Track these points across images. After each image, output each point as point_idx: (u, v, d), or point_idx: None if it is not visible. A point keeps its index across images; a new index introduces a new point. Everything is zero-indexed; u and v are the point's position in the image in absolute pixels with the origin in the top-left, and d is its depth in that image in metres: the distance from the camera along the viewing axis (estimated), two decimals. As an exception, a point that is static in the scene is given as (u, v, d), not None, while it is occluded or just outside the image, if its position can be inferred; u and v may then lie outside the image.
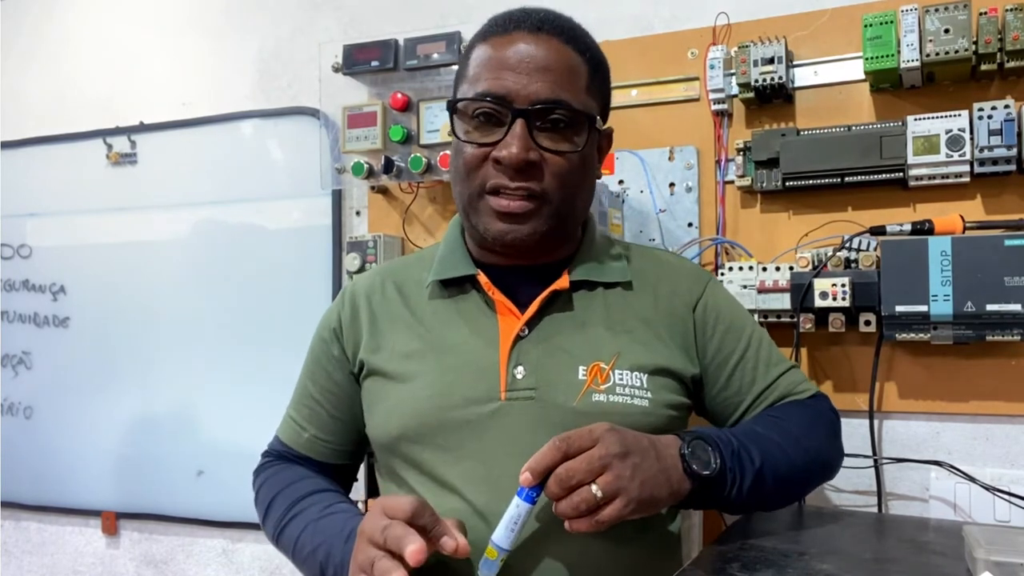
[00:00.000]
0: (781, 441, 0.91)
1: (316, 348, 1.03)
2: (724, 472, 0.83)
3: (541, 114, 0.87)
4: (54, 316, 1.96)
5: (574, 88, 0.89)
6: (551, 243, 0.94)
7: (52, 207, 1.98)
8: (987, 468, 1.20)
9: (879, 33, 1.19)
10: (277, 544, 0.96)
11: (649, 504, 0.77)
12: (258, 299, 1.75)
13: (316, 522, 0.91)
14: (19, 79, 2.05)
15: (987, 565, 0.71)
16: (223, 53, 1.83)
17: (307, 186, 1.67)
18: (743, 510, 0.94)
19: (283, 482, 0.99)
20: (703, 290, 1.00)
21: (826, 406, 1.02)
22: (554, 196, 0.89)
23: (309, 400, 1.02)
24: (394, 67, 1.43)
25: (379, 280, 1.01)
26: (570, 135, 0.89)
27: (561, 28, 0.90)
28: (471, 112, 0.89)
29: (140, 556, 1.87)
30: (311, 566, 0.89)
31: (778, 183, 1.27)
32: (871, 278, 1.16)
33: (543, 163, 0.87)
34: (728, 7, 1.35)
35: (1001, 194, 1.21)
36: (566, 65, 0.89)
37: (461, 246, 0.98)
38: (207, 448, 1.79)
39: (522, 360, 0.89)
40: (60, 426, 1.94)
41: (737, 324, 1.00)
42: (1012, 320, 1.09)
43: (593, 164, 0.95)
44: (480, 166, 0.88)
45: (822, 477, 1.00)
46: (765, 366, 0.99)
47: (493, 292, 0.92)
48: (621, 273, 0.97)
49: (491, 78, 0.88)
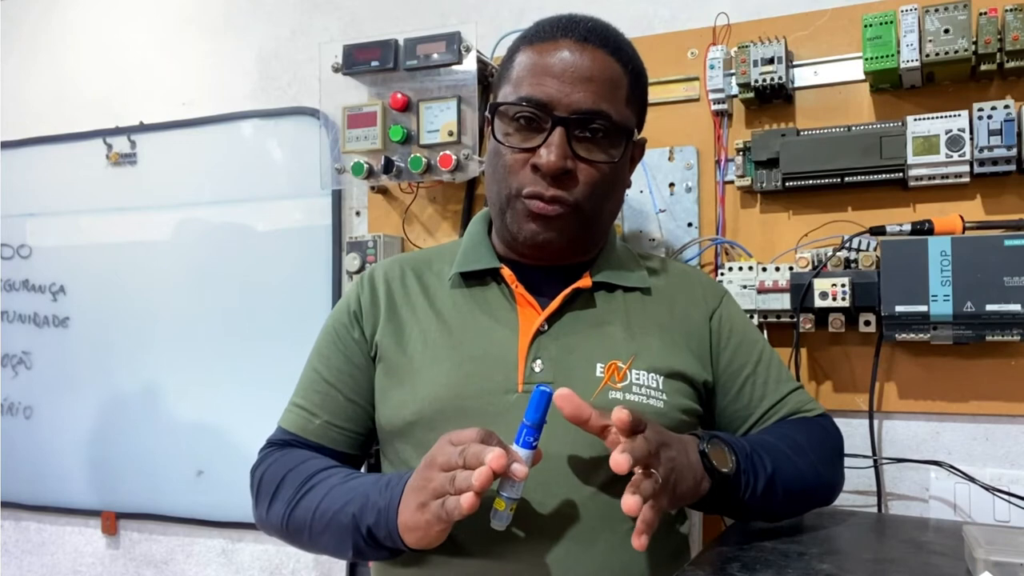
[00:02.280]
0: (791, 453, 0.92)
1: (332, 333, 1.00)
2: (739, 473, 0.84)
3: (580, 124, 0.88)
4: (54, 316, 1.96)
5: (615, 100, 0.90)
6: (578, 247, 0.96)
7: (52, 207, 1.97)
8: (987, 468, 1.20)
9: (879, 33, 1.19)
10: (287, 526, 0.90)
11: (679, 498, 0.78)
12: (258, 299, 1.75)
13: (340, 485, 0.87)
14: (19, 79, 2.05)
15: (987, 565, 0.71)
16: (223, 53, 1.83)
17: (307, 186, 1.67)
18: (750, 516, 0.94)
19: (291, 463, 0.93)
20: (719, 302, 1.02)
21: (833, 426, 1.03)
22: (585, 205, 0.90)
23: (321, 386, 0.98)
24: (394, 67, 1.43)
25: (398, 267, 1.02)
26: (607, 146, 0.90)
27: (607, 39, 0.92)
28: (512, 115, 0.90)
29: (140, 556, 1.87)
30: (336, 530, 0.84)
31: (778, 183, 1.27)
32: (871, 278, 1.16)
33: (578, 171, 0.89)
34: (728, 7, 1.35)
35: (1001, 194, 1.20)
36: (609, 76, 0.90)
37: (485, 241, 0.99)
38: (207, 448, 1.78)
39: (541, 354, 0.90)
40: (60, 426, 1.94)
41: (750, 339, 1.02)
42: (1012, 320, 1.09)
43: (625, 174, 0.97)
44: (519, 171, 0.90)
45: (826, 495, 1.00)
46: (776, 382, 1.01)
47: (516, 286, 0.93)
48: (641, 279, 0.99)
49: (534, 83, 0.88)
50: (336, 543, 0.86)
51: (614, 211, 0.98)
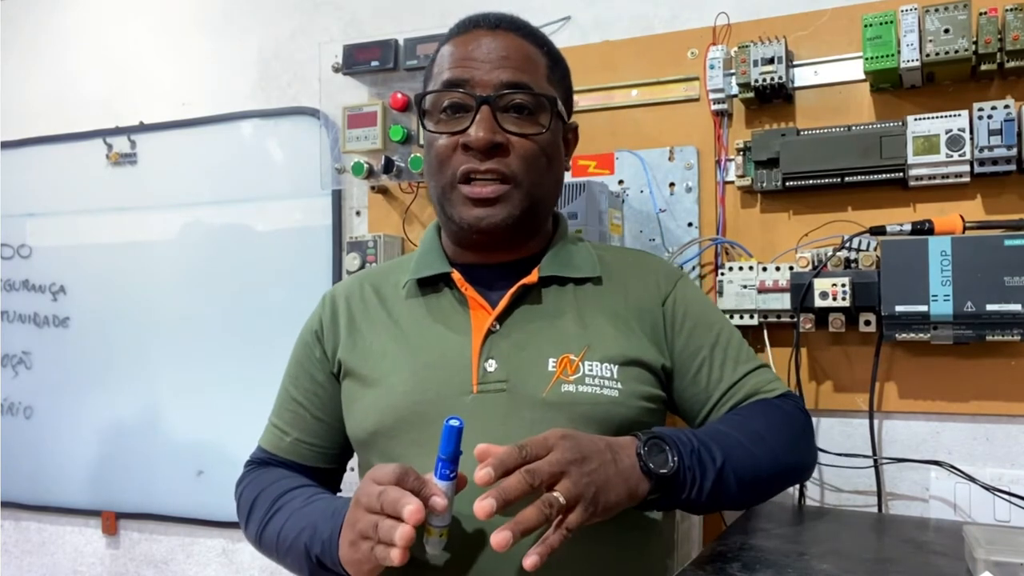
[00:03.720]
0: (744, 440, 0.90)
1: (298, 352, 1.05)
2: (683, 471, 0.82)
3: (503, 99, 0.91)
4: (54, 316, 1.96)
5: (534, 75, 0.94)
6: (522, 232, 0.96)
7: (52, 207, 1.98)
8: (987, 468, 1.20)
9: (879, 33, 1.19)
10: (260, 543, 0.96)
11: (608, 508, 0.77)
12: (258, 299, 1.75)
13: (299, 511, 0.91)
14: (19, 79, 2.05)
15: (987, 565, 0.71)
16: (223, 53, 1.83)
17: (307, 186, 1.67)
18: (708, 510, 0.92)
19: (264, 483, 0.99)
20: (673, 287, 1.02)
21: (794, 405, 1.00)
22: (523, 179, 0.92)
23: (291, 404, 1.03)
24: (394, 67, 1.43)
25: (357, 284, 1.04)
26: (534, 119, 0.92)
27: (518, 25, 0.96)
28: (439, 106, 0.93)
29: (140, 556, 1.87)
30: (295, 554, 0.88)
31: (778, 183, 1.27)
32: (871, 278, 1.16)
33: (510, 146, 0.91)
34: (728, 7, 1.35)
35: (1001, 194, 1.20)
36: (524, 54, 0.94)
37: (437, 247, 1.00)
38: (207, 448, 1.79)
39: (493, 353, 0.91)
40: (60, 426, 1.94)
41: (705, 321, 1.01)
42: (1012, 320, 1.09)
43: (559, 153, 0.98)
44: (451, 156, 0.92)
45: (793, 477, 0.99)
46: (733, 363, 1.00)
47: (466, 288, 0.94)
48: (591, 268, 0.99)
49: (454, 68, 0.92)
50: (298, 566, 0.90)
51: (553, 193, 0.99)
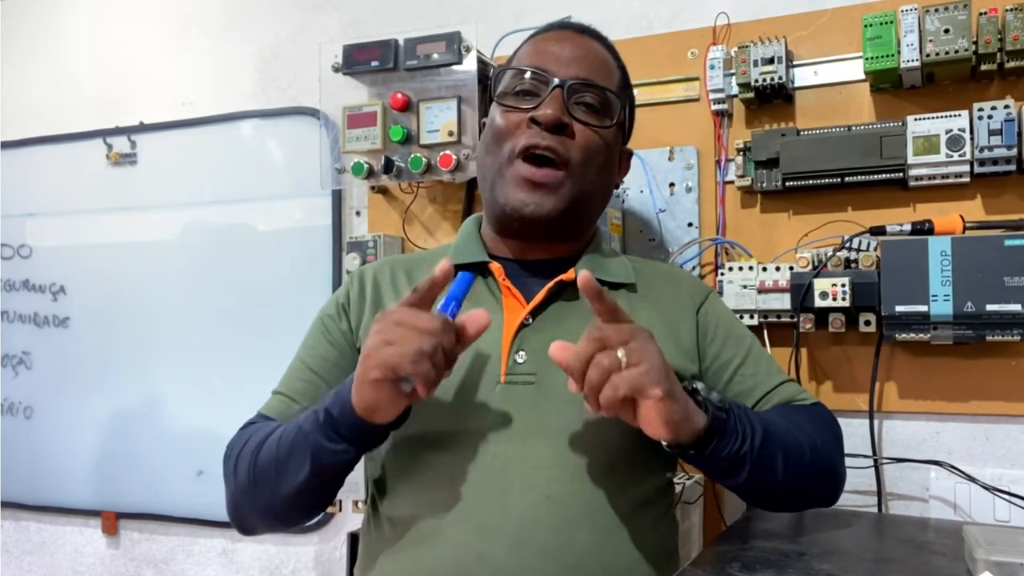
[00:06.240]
0: (790, 425, 0.89)
1: (320, 323, 1.01)
2: (734, 420, 0.80)
3: (577, 90, 0.93)
4: (54, 316, 1.96)
5: (608, 80, 0.97)
6: (563, 229, 0.96)
7: (52, 207, 1.97)
8: (987, 468, 1.20)
9: (879, 33, 1.19)
10: (255, 470, 0.88)
11: (671, 396, 0.73)
12: (258, 299, 1.75)
13: (299, 414, 0.87)
14: (19, 79, 2.05)
15: (987, 565, 0.71)
16: (223, 53, 1.83)
17: (307, 186, 1.67)
18: (750, 482, 0.85)
19: (263, 428, 0.92)
20: (705, 298, 1.03)
21: (829, 415, 1.01)
22: (578, 168, 0.93)
23: (306, 374, 0.99)
24: (394, 67, 1.43)
25: (388, 266, 1.04)
26: (602, 116, 0.95)
27: (602, 38, 1.01)
28: (511, 89, 0.95)
29: (140, 556, 1.87)
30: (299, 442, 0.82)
31: (778, 183, 1.27)
32: (871, 278, 1.16)
33: (574, 131, 0.92)
34: (728, 7, 1.35)
35: (1001, 194, 1.20)
36: (602, 59, 0.98)
37: (476, 238, 1.01)
38: (207, 448, 1.78)
39: (524, 346, 0.91)
40: (60, 426, 1.94)
41: (736, 333, 1.02)
42: (1012, 320, 1.09)
43: (614, 161, 1.01)
44: (514, 131, 0.93)
45: (829, 483, 0.95)
46: (767, 374, 1.00)
47: (503, 279, 0.95)
48: (626, 275, 1.00)
49: (534, 56, 0.96)
50: (298, 462, 0.83)
51: (601, 197, 1.00)
